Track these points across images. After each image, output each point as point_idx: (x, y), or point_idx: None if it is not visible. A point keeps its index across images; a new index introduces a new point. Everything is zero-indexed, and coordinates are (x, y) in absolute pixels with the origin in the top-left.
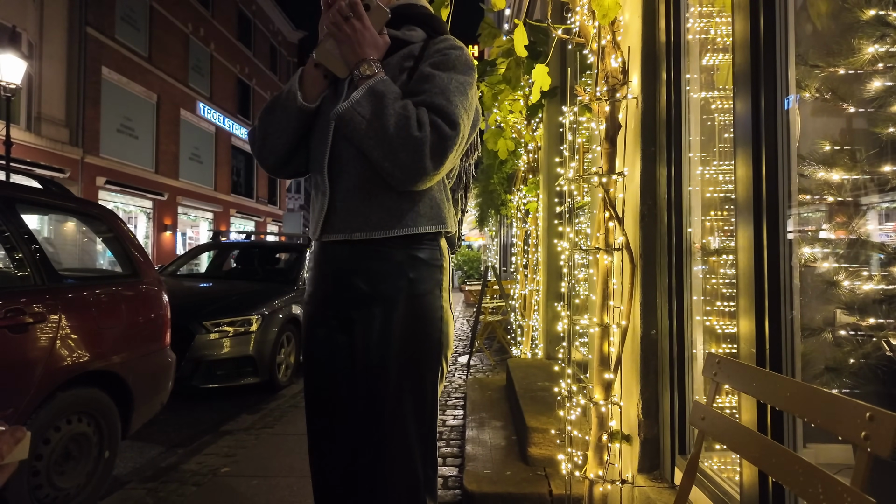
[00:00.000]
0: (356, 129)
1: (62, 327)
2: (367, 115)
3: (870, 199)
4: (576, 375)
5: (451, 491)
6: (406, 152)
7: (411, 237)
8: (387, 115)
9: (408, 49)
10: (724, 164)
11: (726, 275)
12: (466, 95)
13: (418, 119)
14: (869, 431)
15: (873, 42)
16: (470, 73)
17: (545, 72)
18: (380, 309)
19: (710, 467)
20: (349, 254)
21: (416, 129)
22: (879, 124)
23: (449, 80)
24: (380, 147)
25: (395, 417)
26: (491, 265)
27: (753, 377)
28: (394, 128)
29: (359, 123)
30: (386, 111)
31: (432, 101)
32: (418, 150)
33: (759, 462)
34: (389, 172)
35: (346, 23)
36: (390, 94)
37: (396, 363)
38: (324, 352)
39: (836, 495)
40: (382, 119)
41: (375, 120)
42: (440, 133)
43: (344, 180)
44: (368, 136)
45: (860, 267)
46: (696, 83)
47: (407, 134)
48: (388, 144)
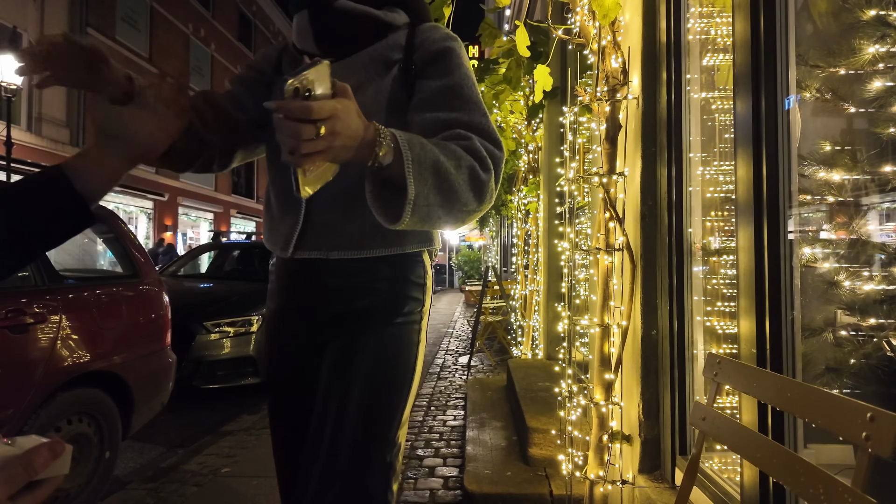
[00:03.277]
0: (432, 222)
1: (63, 328)
2: (439, 200)
3: (870, 199)
4: (576, 376)
5: (452, 491)
6: (476, 201)
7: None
8: (454, 182)
9: (393, 38)
10: (724, 165)
11: (727, 275)
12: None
13: (479, 159)
14: (870, 432)
15: (874, 42)
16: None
17: (547, 72)
18: (356, 329)
19: (711, 468)
20: (323, 269)
21: (482, 173)
22: (880, 124)
23: (470, 85)
24: (451, 214)
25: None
26: (491, 265)
27: (754, 377)
28: (465, 188)
29: (435, 216)
30: (450, 178)
31: (472, 122)
32: (485, 193)
33: (760, 462)
34: (445, 224)
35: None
36: (431, 153)
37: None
38: (290, 375)
39: (837, 496)
40: (453, 190)
41: (447, 197)
42: (496, 161)
43: (321, 190)
44: (441, 217)
45: (861, 267)
46: (696, 83)
47: (478, 185)
48: (460, 206)
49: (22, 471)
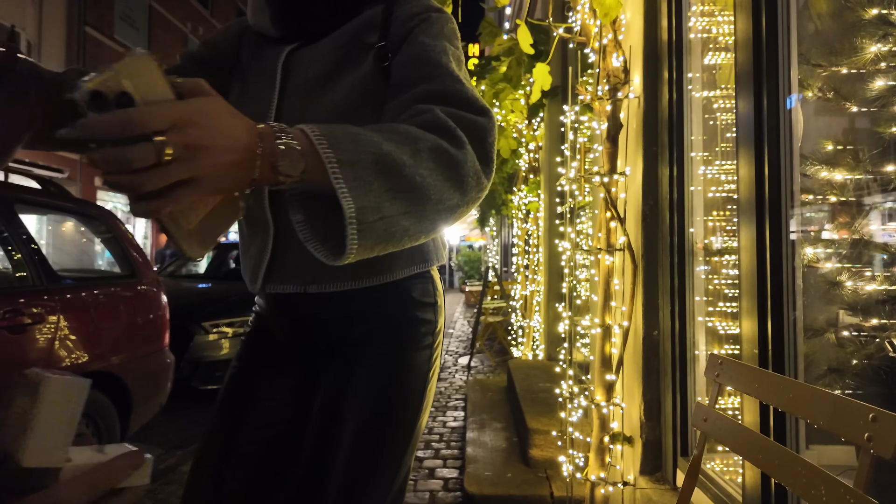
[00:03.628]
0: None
1: (60, 328)
2: (399, 207)
3: (873, 199)
4: (577, 377)
5: (452, 493)
6: (457, 190)
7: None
8: (414, 176)
9: (367, 15)
10: (726, 164)
11: (728, 275)
12: (462, 62)
13: (444, 131)
14: (872, 433)
15: (876, 41)
16: (460, 47)
17: (546, 71)
18: (351, 358)
19: (713, 469)
20: (301, 303)
21: (454, 149)
22: (882, 124)
23: (441, 49)
24: (424, 220)
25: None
26: (492, 265)
27: (756, 378)
28: (435, 179)
29: (401, 231)
30: (407, 172)
31: (445, 89)
32: (466, 176)
33: (762, 464)
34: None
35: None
36: (370, 145)
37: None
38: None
39: (839, 497)
40: (416, 187)
41: (410, 199)
42: (473, 128)
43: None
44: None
45: (863, 267)
46: (698, 82)
47: (453, 168)
48: (435, 206)
49: (105, 478)
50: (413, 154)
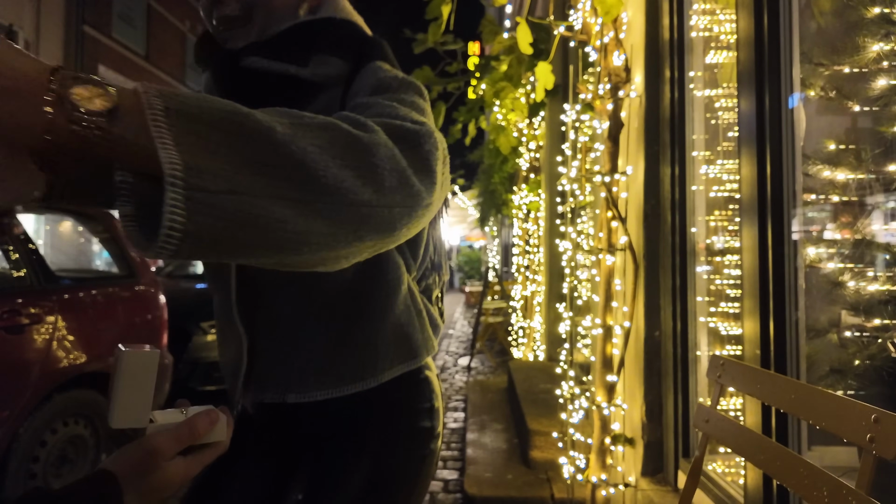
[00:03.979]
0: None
1: (58, 329)
2: (266, 184)
3: (875, 198)
4: (578, 378)
5: (452, 495)
6: (368, 181)
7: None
8: (295, 149)
9: (322, 101)
10: (728, 163)
11: (730, 275)
12: (423, 111)
13: (348, 119)
14: (874, 434)
15: (878, 40)
16: (423, 98)
17: (549, 70)
18: (336, 474)
19: (714, 470)
20: (287, 409)
21: (358, 130)
22: (885, 123)
23: (396, 100)
24: (320, 209)
25: None
26: (492, 265)
27: (758, 379)
28: (324, 156)
29: (268, 218)
30: (283, 140)
31: (377, 109)
32: (380, 164)
33: (764, 465)
34: (343, 235)
35: None
36: (227, 105)
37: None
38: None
39: (841, 498)
40: (297, 162)
41: (286, 175)
42: (408, 135)
43: (264, 310)
44: (288, 222)
45: (866, 267)
46: (699, 81)
47: (358, 149)
48: (331, 196)
49: (188, 432)
50: (294, 125)
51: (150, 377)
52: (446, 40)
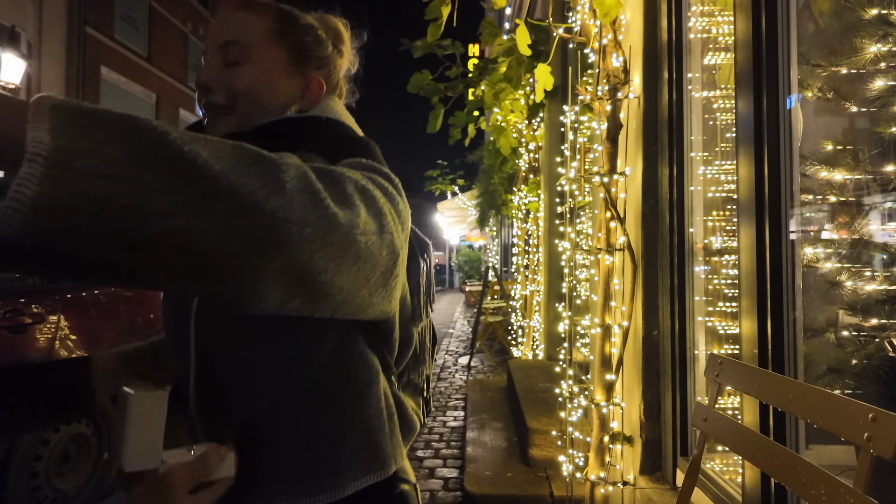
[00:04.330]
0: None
1: (61, 328)
2: (145, 170)
3: (872, 199)
4: (577, 376)
5: (452, 493)
6: (267, 187)
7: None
8: (183, 147)
9: None
10: (726, 164)
11: (728, 275)
12: (383, 189)
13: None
14: (872, 433)
15: (875, 41)
16: (391, 183)
17: (548, 71)
18: None
19: (712, 469)
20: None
21: (266, 153)
22: (882, 124)
23: (350, 164)
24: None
25: None
26: (492, 265)
27: (755, 378)
28: (221, 162)
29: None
30: (173, 140)
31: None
32: (287, 181)
33: (761, 463)
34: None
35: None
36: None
37: None
38: None
39: (839, 497)
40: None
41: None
42: (329, 173)
43: (223, 407)
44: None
45: (863, 267)
46: (697, 82)
47: (256, 164)
48: (227, 188)
49: (201, 468)
50: (199, 138)
51: (160, 417)
52: (445, 44)
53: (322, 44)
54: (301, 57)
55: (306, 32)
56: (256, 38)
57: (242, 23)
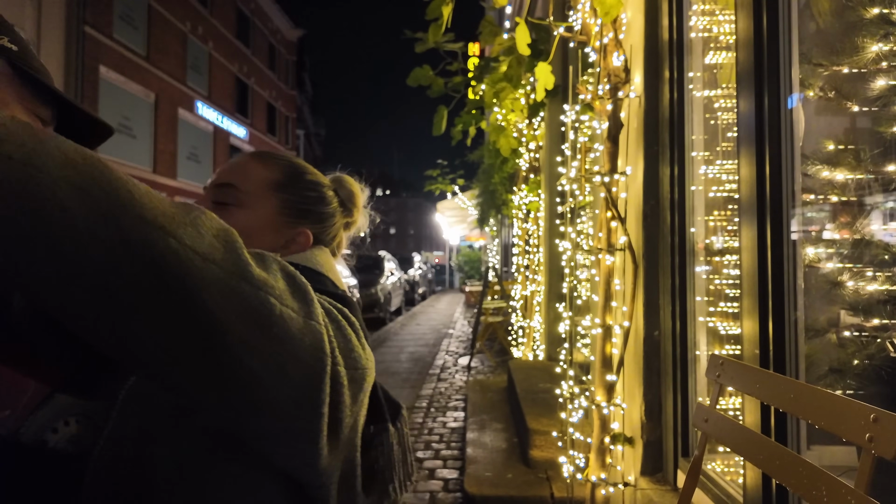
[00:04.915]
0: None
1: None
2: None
3: (874, 198)
4: (578, 377)
5: (452, 494)
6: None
7: None
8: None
9: None
10: (727, 164)
11: (730, 275)
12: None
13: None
14: (873, 433)
15: (877, 40)
16: (344, 328)
17: (548, 70)
18: None
19: (714, 470)
20: None
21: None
22: (884, 123)
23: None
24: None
25: None
26: (492, 265)
27: (757, 379)
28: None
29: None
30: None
31: None
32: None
33: (763, 464)
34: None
35: None
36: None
37: None
38: None
39: (840, 498)
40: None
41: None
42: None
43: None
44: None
45: (865, 267)
46: (699, 81)
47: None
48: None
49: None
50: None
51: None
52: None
53: (324, 201)
54: (296, 210)
55: (310, 188)
56: (255, 185)
57: (247, 169)
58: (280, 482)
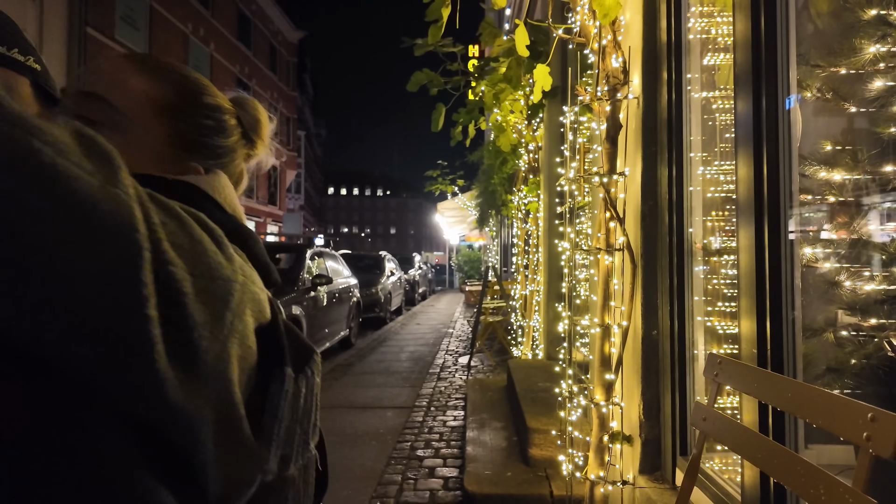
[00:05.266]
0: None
1: None
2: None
3: (871, 199)
4: (577, 376)
5: (452, 492)
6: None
7: None
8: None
9: None
10: (725, 164)
11: (727, 275)
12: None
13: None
14: (871, 432)
15: (874, 42)
16: (187, 223)
17: (547, 72)
18: None
19: (712, 468)
20: None
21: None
22: (881, 124)
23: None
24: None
25: None
26: (491, 265)
27: (755, 378)
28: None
29: None
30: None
31: None
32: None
33: (761, 463)
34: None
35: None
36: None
37: None
38: None
39: (838, 496)
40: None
41: None
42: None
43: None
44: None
45: (862, 267)
46: (697, 83)
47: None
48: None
49: None
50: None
51: None
52: (446, 43)
53: (224, 131)
54: (187, 142)
55: (208, 114)
56: (135, 103)
57: (125, 79)
58: (127, 433)
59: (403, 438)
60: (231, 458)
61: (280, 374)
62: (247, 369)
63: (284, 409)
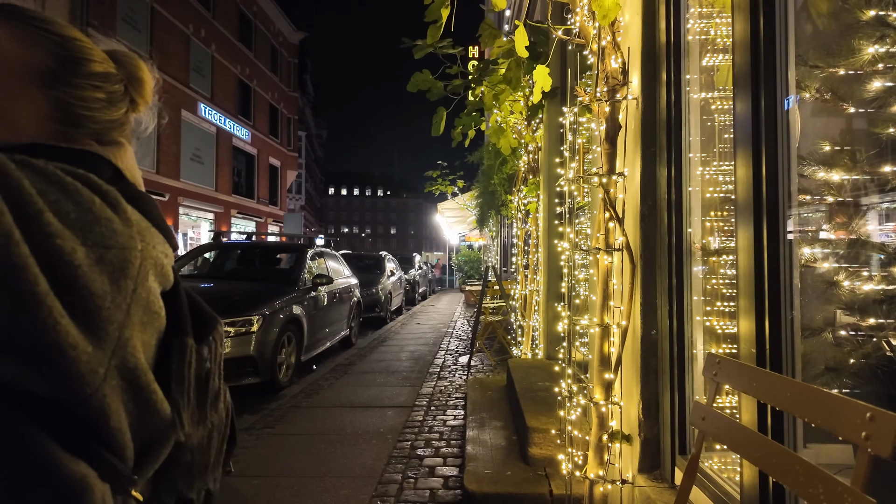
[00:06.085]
0: None
1: None
2: None
3: (870, 199)
4: (576, 375)
5: (452, 491)
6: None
7: None
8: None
9: None
10: (724, 165)
11: (726, 275)
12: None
13: None
14: (869, 432)
15: (873, 42)
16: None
17: (546, 73)
18: None
19: (711, 467)
20: None
21: None
22: (879, 125)
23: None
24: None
25: None
26: (491, 265)
27: (754, 377)
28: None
29: None
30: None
31: None
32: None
33: (760, 462)
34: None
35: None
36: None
37: None
38: None
39: (837, 495)
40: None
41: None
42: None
43: None
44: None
45: (860, 267)
46: (696, 84)
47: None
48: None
49: None
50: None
51: None
52: (445, 44)
53: (112, 103)
54: (71, 117)
55: (95, 84)
56: (6, 72)
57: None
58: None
59: (404, 437)
60: (143, 422)
61: (181, 343)
62: (155, 333)
63: (189, 376)
